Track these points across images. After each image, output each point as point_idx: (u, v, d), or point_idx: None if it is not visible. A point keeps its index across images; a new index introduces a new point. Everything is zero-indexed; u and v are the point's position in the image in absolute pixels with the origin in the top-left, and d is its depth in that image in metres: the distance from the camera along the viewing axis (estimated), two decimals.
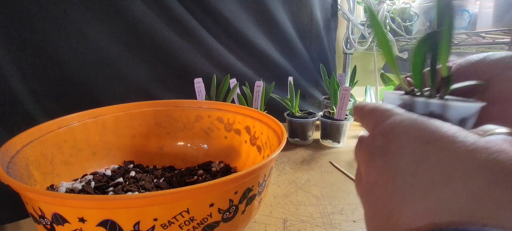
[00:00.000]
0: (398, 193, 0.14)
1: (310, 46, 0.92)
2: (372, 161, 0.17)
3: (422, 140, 0.14)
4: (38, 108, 0.52)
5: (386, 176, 0.15)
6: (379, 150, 0.16)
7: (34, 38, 0.51)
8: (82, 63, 0.56)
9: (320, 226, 0.42)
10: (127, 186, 0.41)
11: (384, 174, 0.15)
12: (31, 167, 0.35)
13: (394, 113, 0.17)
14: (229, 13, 0.71)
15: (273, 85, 0.70)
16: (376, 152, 0.16)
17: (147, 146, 0.52)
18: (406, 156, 0.14)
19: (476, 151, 0.13)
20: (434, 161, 0.13)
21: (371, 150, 0.17)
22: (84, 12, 0.55)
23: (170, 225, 0.25)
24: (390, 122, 0.17)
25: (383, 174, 0.15)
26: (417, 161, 0.14)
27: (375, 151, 0.17)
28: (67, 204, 0.24)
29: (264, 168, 0.31)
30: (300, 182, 0.54)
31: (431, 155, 0.14)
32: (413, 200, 0.13)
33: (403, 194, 0.14)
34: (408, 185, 0.14)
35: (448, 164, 0.13)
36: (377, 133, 0.17)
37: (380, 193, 0.15)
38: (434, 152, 0.14)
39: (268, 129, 0.45)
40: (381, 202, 0.15)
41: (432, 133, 0.14)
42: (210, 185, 0.25)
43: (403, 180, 0.14)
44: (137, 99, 0.52)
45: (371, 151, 0.17)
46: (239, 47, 0.77)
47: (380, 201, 0.15)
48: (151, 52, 0.64)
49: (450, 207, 0.12)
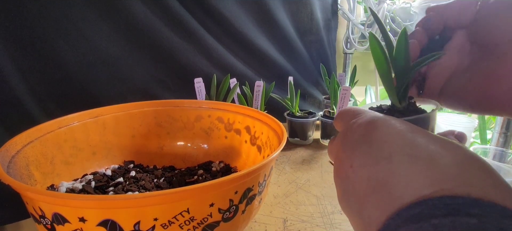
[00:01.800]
0: (399, 169, 0.16)
1: (310, 46, 0.92)
2: (355, 149, 0.19)
3: (408, 129, 0.17)
4: (38, 108, 0.52)
5: (379, 158, 0.17)
6: (361, 138, 0.19)
7: (34, 38, 0.51)
8: (82, 63, 0.56)
9: (320, 226, 0.42)
10: (127, 186, 0.41)
11: (372, 156, 0.17)
12: (32, 167, 0.35)
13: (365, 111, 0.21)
14: (229, 13, 0.71)
15: (273, 85, 0.70)
16: (358, 140, 0.19)
17: (147, 145, 0.52)
18: (397, 141, 0.17)
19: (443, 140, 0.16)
20: (424, 142, 0.16)
21: (352, 140, 0.19)
22: (84, 12, 0.55)
23: (170, 225, 0.25)
24: (366, 117, 0.19)
25: (371, 157, 0.17)
26: (410, 143, 0.16)
27: (357, 140, 0.19)
28: (67, 204, 0.24)
29: (264, 167, 0.31)
30: (300, 181, 0.54)
31: (420, 139, 0.16)
32: (417, 172, 0.15)
33: (405, 170, 0.15)
34: (407, 162, 0.15)
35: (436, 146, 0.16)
36: (354, 126, 0.20)
37: (373, 173, 0.17)
38: (421, 137, 0.16)
39: (268, 128, 0.45)
40: (377, 180, 0.16)
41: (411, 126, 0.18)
42: (210, 185, 0.25)
43: (401, 159, 0.16)
44: (137, 99, 0.52)
45: (352, 141, 0.19)
46: (239, 47, 0.77)
47: (374, 179, 0.17)
48: (151, 52, 0.64)
49: (449, 176, 0.14)
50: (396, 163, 0.16)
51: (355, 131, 0.19)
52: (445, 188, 0.14)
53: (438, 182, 0.14)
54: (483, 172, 0.14)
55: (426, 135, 0.17)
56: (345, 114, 0.22)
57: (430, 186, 0.14)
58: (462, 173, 0.14)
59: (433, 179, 0.14)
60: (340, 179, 0.20)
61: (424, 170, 0.15)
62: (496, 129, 0.60)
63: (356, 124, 0.20)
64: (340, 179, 0.20)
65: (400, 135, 0.17)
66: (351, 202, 0.18)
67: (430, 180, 0.14)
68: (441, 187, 0.14)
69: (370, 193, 0.16)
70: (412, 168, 0.15)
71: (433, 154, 0.15)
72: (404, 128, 0.17)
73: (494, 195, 0.13)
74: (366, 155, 0.18)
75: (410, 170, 0.15)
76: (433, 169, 0.15)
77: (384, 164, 0.16)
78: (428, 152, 0.15)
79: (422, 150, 0.16)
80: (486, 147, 0.56)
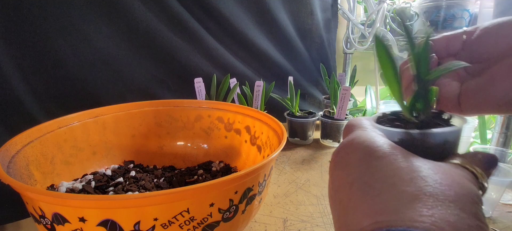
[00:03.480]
0: (354, 197, 0.16)
1: (310, 45, 0.92)
2: (335, 170, 0.19)
3: (373, 156, 0.17)
4: (38, 108, 0.52)
5: (345, 183, 0.17)
6: (341, 161, 0.19)
7: (34, 38, 0.51)
8: (82, 63, 0.56)
9: (320, 225, 0.42)
10: (127, 185, 0.41)
11: (344, 181, 0.17)
12: (32, 166, 0.35)
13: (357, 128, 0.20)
14: (229, 13, 0.71)
15: (273, 85, 0.70)
16: (338, 162, 0.19)
17: (147, 145, 0.52)
18: (361, 167, 0.17)
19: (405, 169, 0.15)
20: (388, 171, 0.16)
21: (335, 161, 0.19)
22: (84, 12, 0.55)
23: (170, 225, 0.25)
24: (351, 137, 0.19)
25: (343, 181, 0.17)
26: (369, 172, 0.16)
27: (338, 162, 0.19)
28: (67, 204, 0.24)
29: (264, 167, 0.31)
30: (300, 181, 0.54)
31: (381, 168, 0.16)
32: (364, 202, 0.15)
33: (357, 198, 0.16)
34: (361, 191, 0.16)
35: (389, 176, 0.15)
36: (340, 146, 0.20)
37: (341, 198, 0.17)
38: (383, 166, 0.16)
39: (268, 128, 0.45)
40: (343, 206, 0.17)
41: (379, 152, 0.17)
42: (210, 185, 0.25)
43: (358, 186, 0.16)
44: (137, 99, 0.52)
45: (335, 162, 0.19)
46: (239, 47, 0.77)
47: (342, 205, 0.17)
48: (151, 52, 0.64)
49: (389, 209, 0.14)
50: (354, 190, 0.16)
51: (340, 151, 0.19)
52: (381, 220, 0.14)
53: (376, 214, 0.14)
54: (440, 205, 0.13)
55: (404, 161, 0.16)
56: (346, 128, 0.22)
57: (368, 217, 0.14)
58: (404, 205, 0.14)
59: (373, 211, 0.14)
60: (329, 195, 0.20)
61: (369, 200, 0.15)
62: (496, 129, 0.60)
63: (342, 145, 0.20)
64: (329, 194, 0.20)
65: (366, 160, 0.17)
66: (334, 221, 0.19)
67: (371, 211, 0.14)
68: (376, 219, 0.14)
69: (339, 217, 0.17)
70: (362, 197, 0.15)
71: (388, 184, 0.15)
72: (376, 152, 0.17)
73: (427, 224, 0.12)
74: (340, 178, 0.18)
75: (360, 200, 0.15)
76: (377, 200, 0.15)
77: (347, 189, 0.17)
78: (384, 182, 0.15)
79: (380, 179, 0.15)
80: (486, 146, 0.56)
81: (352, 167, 0.17)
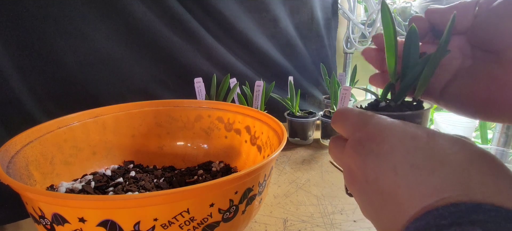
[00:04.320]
0: (403, 181, 0.16)
1: (310, 45, 0.92)
2: (366, 162, 0.18)
3: (409, 137, 0.17)
4: (38, 108, 0.52)
5: (386, 171, 0.17)
6: (370, 152, 0.18)
7: (34, 38, 0.51)
8: (82, 63, 0.56)
9: (320, 226, 0.41)
10: (127, 186, 0.40)
11: (383, 170, 0.17)
12: (31, 167, 0.35)
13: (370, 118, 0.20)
14: (229, 13, 0.71)
15: (273, 85, 0.70)
16: (368, 154, 0.18)
17: (147, 145, 0.52)
18: (400, 152, 0.17)
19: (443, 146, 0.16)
20: (428, 149, 0.16)
21: (362, 153, 0.19)
22: (84, 11, 0.55)
23: (170, 225, 0.25)
24: (376, 126, 0.19)
25: (382, 170, 0.17)
26: (413, 152, 0.16)
27: (367, 153, 0.18)
28: (67, 204, 0.24)
29: (264, 167, 0.31)
30: (301, 181, 0.54)
31: (423, 145, 0.16)
32: (419, 183, 0.15)
33: (409, 181, 0.15)
34: (410, 174, 0.15)
35: (433, 155, 0.15)
36: (363, 137, 0.19)
37: (382, 188, 0.17)
38: (425, 143, 0.16)
39: (268, 128, 0.45)
40: (387, 194, 0.16)
41: (414, 132, 0.17)
42: (210, 185, 0.25)
43: (404, 169, 0.16)
44: (137, 99, 0.52)
45: (364, 154, 0.19)
46: (239, 46, 0.77)
47: (385, 194, 0.17)
48: (151, 52, 0.64)
49: (451, 183, 0.14)
50: (400, 174, 0.16)
51: (365, 144, 0.19)
52: (447, 196, 0.14)
53: (439, 190, 0.14)
54: (486, 174, 0.14)
55: (430, 139, 0.16)
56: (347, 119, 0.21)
57: (431, 195, 0.14)
58: (463, 178, 0.14)
59: (434, 188, 0.14)
60: (357, 192, 0.20)
61: (425, 179, 0.15)
62: (497, 129, 0.60)
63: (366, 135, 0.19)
64: (357, 192, 0.20)
65: (403, 143, 0.17)
66: (371, 214, 0.19)
67: (432, 190, 0.14)
68: (442, 195, 0.14)
69: (383, 206, 0.17)
70: (414, 178, 0.15)
71: (435, 161, 0.15)
72: (408, 134, 0.17)
73: (497, 198, 0.13)
74: (377, 169, 0.17)
75: (413, 181, 0.15)
76: (434, 178, 0.15)
77: (391, 176, 0.16)
78: (430, 159, 0.15)
79: (424, 157, 0.15)
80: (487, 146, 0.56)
81: (389, 154, 0.17)
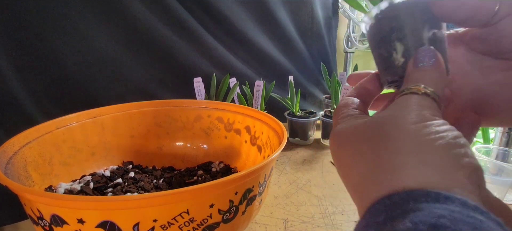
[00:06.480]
0: (354, 181, 0.17)
1: (310, 44, 0.92)
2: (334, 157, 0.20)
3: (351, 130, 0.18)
4: (36, 108, 0.52)
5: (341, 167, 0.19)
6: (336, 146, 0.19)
7: (32, 37, 0.50)
8: (80, 63, 0.56)
9: (321, 226, 0.41)
10: (126, 186, 0.40)
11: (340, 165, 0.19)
12: (29, 167, 0.35)
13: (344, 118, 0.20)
14: (229, 12, 0.71)
15: (273, 85, 0.70)
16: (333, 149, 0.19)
17: (146, 146, 0.51)
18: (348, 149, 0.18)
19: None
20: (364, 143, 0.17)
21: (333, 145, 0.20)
22: (82, 11, 0.55)
23: (170, 226, 0.25)
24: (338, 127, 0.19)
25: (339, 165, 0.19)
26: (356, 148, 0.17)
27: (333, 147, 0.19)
28: (65, 205, 0.24)
29: (264, 168, 0.30)
30: (301, 182, 0.54)
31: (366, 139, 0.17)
32: (360, 182, 0.16)
33: (355, 182, 0.17)
34: (355, 172, 0.17)
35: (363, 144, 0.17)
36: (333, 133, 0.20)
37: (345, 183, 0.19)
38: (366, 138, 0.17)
39: (268, 128, 0.45)
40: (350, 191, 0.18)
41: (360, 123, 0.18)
42: (210, 186, 0.25)
43: (351, 169, 0.17)
44: (136, 99, 0.52)
45: (333, 146, 0.20)
46: (239, 46, 0.76)
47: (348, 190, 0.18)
48: (150, 51, 0.64)
49: (383, 173, 0.15)
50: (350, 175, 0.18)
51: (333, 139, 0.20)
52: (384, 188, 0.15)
53: (377, 184, 0.15)
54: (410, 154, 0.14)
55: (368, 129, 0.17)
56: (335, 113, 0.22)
57: (371, 191, 0.15)
58: (392, 165, 0.15)
59: (372, 182, 0.15)
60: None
61: (364, 175, 0.16)
62: (498, 128, 0.60)
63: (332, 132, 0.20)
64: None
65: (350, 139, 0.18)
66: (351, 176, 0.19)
67: (370, 185, 0.16)
68: (379, 189, 0.15)
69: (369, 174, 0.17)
70: (358, 177, 0.17)
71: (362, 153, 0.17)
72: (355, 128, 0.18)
73: (425, 179, 0.13)
74: (336, 163, 0.19)
75: (357, 181, 0.17)
76: (370, 173, 0.16)
77: (347, 173, 0.18)
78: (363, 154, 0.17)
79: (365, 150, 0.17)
80: (489, 146, 0.56)
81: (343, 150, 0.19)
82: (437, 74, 0.17)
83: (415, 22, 0.19)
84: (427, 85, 0.17)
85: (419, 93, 0.16)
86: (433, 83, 0.17)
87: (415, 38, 0.19)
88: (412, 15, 0.19)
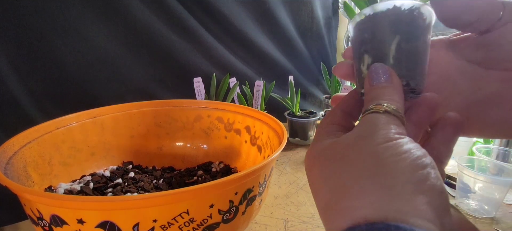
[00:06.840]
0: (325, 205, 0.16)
1: (311, 44, 0.92)
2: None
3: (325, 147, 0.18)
4: (36, 108, 0.52)
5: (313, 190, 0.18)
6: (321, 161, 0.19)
7: (31, 38, 0.50)
8: (80, 63, 0.56)
9: (321, 227, 0.41)
10: (126, 187, 0.40)
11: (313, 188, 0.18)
12: (29, 168, 0.35)
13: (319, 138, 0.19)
14: (228, 12, 0.71)
15: (273, 85, 0.70)
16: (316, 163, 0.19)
17: (146, 146, 0.51)
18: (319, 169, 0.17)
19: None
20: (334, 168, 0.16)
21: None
22: (82, 11, 0.55)
23: (170, 226, 0.25)
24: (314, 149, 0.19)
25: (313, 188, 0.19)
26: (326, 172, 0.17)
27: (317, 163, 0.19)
28: (65, 206, 0.23)
29: (264, 168, 0.30)
30: (301, 182, 0.54)
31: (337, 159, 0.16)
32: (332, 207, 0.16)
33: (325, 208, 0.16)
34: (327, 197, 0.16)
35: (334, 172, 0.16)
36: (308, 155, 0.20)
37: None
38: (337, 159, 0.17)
39: (268, 128, 0.45)
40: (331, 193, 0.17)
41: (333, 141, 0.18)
42: (210, 186, 0.25)
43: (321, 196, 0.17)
44: (136, 99, 0.52)
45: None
46: (239, 46, 0.76)
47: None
48: (150, 51, 0.64)
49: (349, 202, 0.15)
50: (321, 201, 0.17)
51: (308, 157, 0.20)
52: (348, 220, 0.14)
53: (343, 216, 0.15)
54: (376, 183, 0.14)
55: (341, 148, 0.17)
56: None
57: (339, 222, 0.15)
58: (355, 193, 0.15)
59: (339, 213, 0.15)
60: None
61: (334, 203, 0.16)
62: None
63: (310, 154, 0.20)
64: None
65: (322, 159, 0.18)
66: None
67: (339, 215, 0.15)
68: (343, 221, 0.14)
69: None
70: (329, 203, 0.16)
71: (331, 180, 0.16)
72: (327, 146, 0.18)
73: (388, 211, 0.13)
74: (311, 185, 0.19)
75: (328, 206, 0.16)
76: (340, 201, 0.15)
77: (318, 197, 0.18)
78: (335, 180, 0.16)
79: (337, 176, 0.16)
80: (489, 146, 0.56)
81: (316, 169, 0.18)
82: (392, 90, 0.17)
83: (382, 34, 0.18)
84: (387, 102, 0.16)
85: (380, 112, 0.16)
86: (393, 100, 0.16)
87: (379, 52, 0.18)
88: (380, 26, 0.18)
